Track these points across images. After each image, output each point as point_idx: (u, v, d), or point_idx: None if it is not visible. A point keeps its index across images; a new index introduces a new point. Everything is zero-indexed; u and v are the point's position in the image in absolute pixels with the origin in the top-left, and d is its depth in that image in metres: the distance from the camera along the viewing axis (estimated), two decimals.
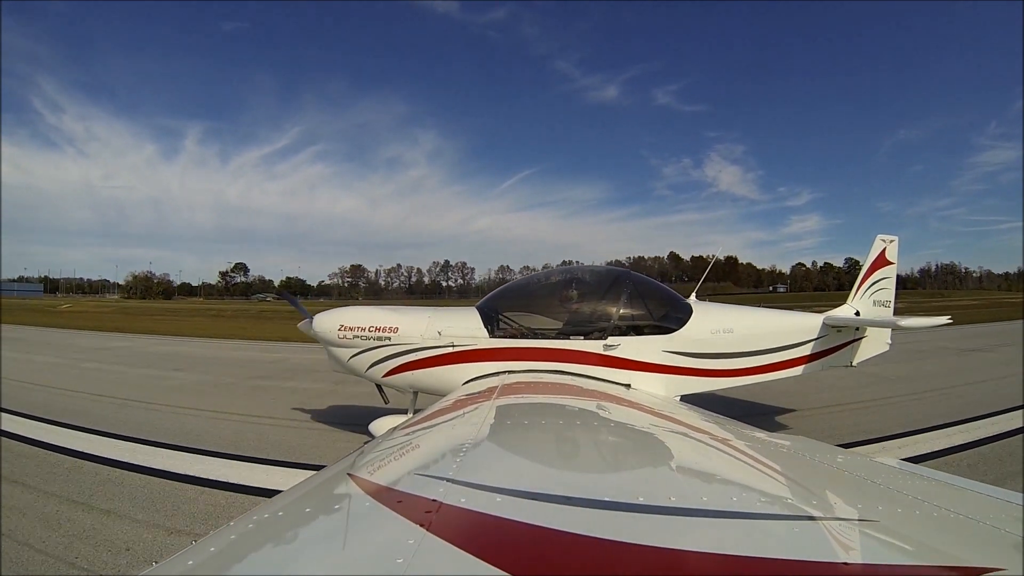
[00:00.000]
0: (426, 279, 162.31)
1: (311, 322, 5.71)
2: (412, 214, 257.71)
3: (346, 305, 5.96)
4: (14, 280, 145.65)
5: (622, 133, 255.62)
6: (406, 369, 5.35)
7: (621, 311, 5.28)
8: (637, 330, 5.30)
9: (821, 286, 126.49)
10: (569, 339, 5.16)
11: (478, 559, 1.12)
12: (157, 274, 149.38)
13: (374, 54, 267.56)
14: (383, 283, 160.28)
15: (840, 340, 6.16)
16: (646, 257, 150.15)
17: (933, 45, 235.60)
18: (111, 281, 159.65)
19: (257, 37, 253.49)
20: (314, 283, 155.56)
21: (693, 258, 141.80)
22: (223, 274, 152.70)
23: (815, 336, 5.93)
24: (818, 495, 1.90)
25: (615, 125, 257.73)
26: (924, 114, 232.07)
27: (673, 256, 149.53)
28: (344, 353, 5.53)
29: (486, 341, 5.21)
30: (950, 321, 6.65)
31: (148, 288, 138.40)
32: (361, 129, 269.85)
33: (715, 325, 5.47)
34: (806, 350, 5.89)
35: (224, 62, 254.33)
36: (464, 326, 5.30)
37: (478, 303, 5.75)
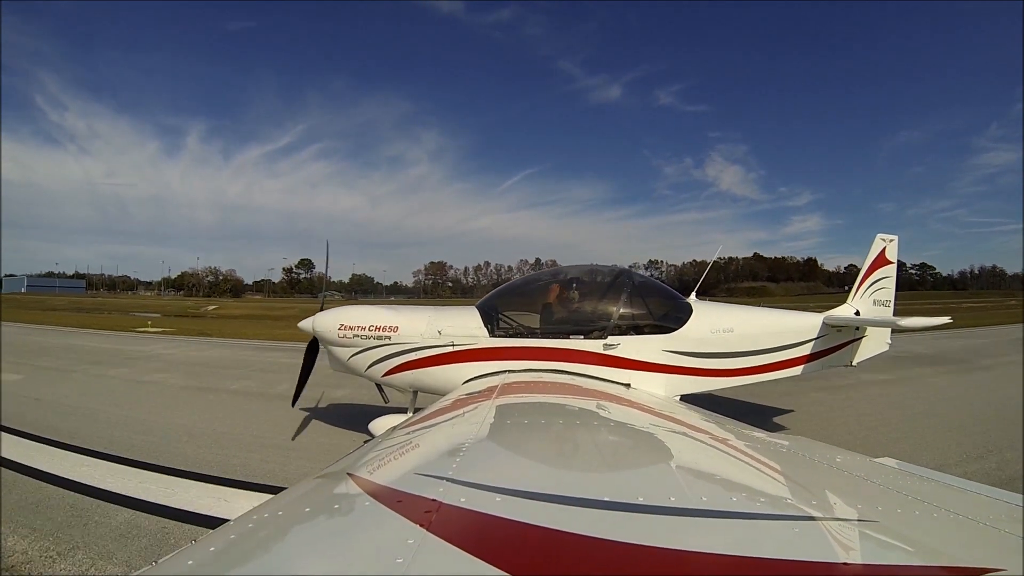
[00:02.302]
0: (516, 277, 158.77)
1: (311, 321, 5.71)
2: (413, 212, 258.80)
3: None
4: (43, 275, 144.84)
5: (624, 133, 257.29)
6: (406, 368, 5.35)
7: (621, 310, 5.28)
8: (637, 329, 5.29)
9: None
10: (569, 338, 5.15)
11: (478, 559, 1.12)
12: (223, 270, 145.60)
13: (378, 53, 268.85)
14: (470, 281, 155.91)
15: (840, 340, 6.15)
16: (737, 258, 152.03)
17: (935, 46, 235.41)
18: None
19: (262, 36, 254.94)
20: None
21: (776, 258, 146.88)
22: (287, 271, 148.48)
23: (815, 336, 5.93)
24: (818, 495, 1.90)
25: (617, 125, 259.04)
26: (925, 116, 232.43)
27: (758, 256, 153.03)
28: (344, 352, 5.53)
29: (486, 340, 5.21)
30: (949, 321, 6.65)
31: (215, 286, 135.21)
32: (364, 127, 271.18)
33: (715, 324, 5.47)
34: (806, 350, 5.88)
35: (228, 60, 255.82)
36: (464, 325, 5.30)
37: (478, 302, 5.74)
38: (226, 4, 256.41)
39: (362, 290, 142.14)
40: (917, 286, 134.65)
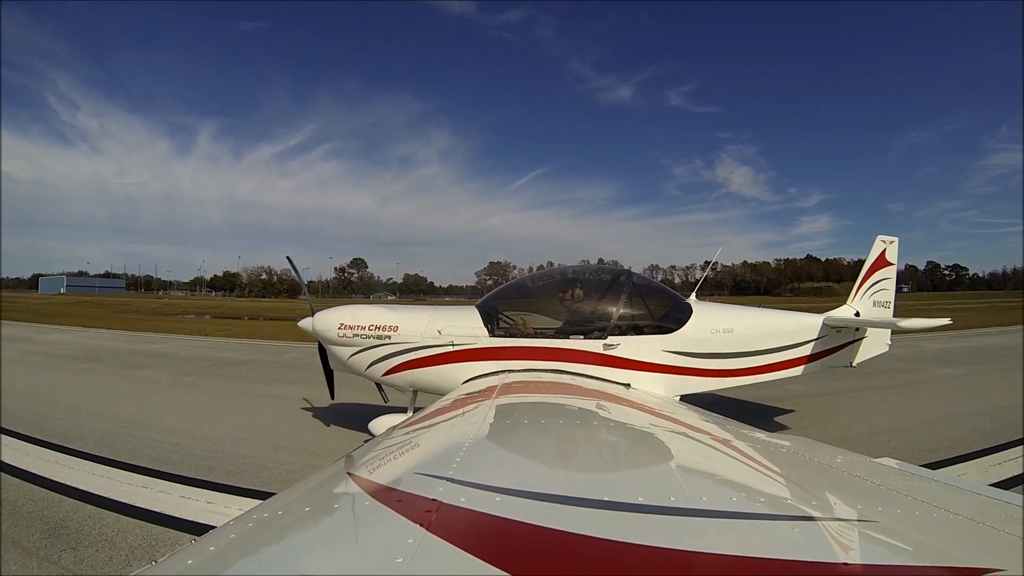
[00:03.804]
0: None
1: (311, 320, 5.71)
2: (423, 212, 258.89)
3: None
4: (76, 274, 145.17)
5: (634, 134, 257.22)
6: (406, 368, 5.35)
7: (621, 310, 5.28)
8: (637, 330, 5.30)
9: (924, 286, 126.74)
10: (569, 338, 5.15)
11: (478, 558, 1.12)
12: (277, 271, 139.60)
13: (389, 53, 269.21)
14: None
15: (840, 340, 6.16)
16: (795, 259, 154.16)
17: (945, 47, 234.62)
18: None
19: (274, 36, 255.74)
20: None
21: (829, 260, 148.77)
22: (339, 270, 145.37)
23: (815, 336, 5.93)
24: (818, 495, 1.90)
25: (627, 126, 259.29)
26: (935, 116, 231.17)
27: (810, 258, 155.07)
28: (344, 352, 5.53)
29: (486, 340, 5.20)
30: (950, 322, 6.65)
31: (269, 285, 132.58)
32: (375, 127, 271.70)
33: (715, 325, 5.47)
34: (806, 350, 5.89)
35: (240, 60, 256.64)
36: (464, 325, 5.30)
37: (478, 302, 5.75)
38: (238, 4, 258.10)
39: (418, 290, 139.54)
40: (954, 287, 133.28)
